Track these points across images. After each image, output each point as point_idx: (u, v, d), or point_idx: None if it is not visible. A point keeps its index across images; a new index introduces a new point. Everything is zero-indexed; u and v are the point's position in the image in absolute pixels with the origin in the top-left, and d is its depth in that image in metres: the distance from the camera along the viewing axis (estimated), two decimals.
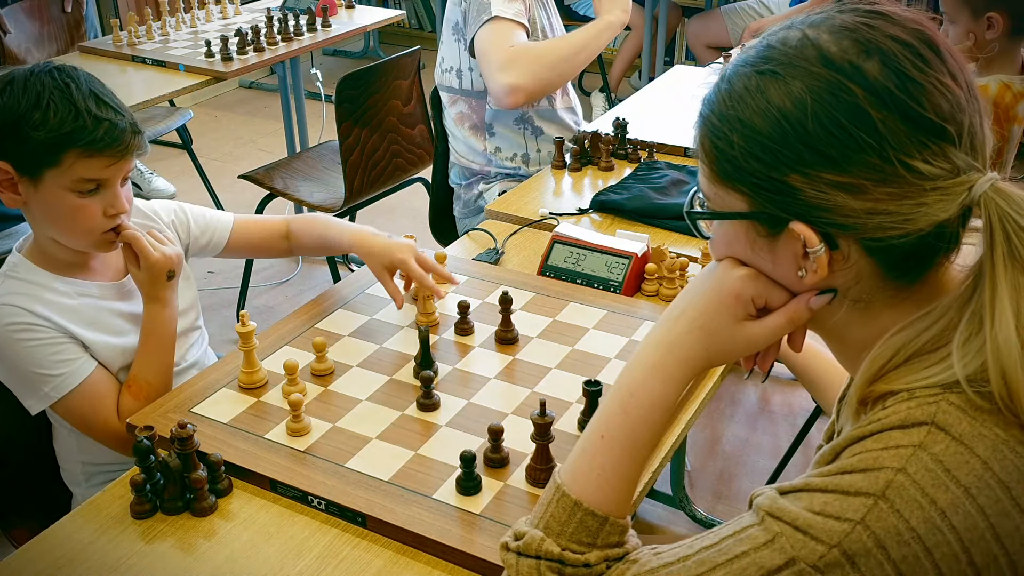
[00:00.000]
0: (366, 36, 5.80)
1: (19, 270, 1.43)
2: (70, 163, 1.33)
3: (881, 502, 0.74)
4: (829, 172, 0.79)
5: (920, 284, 0.84)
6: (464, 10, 2.26)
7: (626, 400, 0.90)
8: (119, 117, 1.37)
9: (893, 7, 0.83)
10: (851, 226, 0.80)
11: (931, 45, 0.80)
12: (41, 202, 1.37)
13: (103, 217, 1.39)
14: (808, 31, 0.82)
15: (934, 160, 0.78)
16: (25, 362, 1.38)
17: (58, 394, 1.39)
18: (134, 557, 1.11)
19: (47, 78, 1.35)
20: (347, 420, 1.32)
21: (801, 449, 2.41)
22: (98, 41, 3.30)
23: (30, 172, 1.35)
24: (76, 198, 1.36)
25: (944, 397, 0.77)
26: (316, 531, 1.15)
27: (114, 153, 1.36)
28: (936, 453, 0.75)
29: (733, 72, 0.85)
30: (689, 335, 0.89)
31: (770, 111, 0.80)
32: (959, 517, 0.74)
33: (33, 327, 1.38)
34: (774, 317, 0.88)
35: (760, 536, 0.78)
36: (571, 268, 1.68)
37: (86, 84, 1.37)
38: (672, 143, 2.22)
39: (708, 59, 4.24)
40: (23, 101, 1.33)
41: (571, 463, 0.92)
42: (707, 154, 0.86)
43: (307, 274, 3.58)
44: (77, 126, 1.33)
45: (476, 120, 2.40)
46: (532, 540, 0.88)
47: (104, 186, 1.38)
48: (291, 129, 3.69)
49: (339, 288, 1.66)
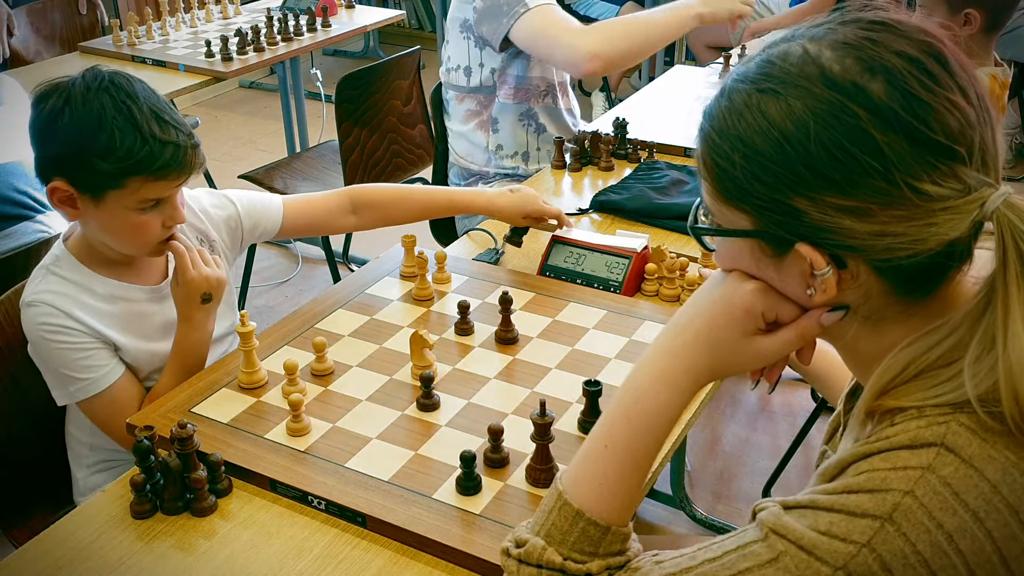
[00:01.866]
0: (366, 36, 5.80)
1: (61, 265, 1.44)
2: (136, 187, 1.34)
3: (888, 525, 0.73)
4: (834, 196, 0.76)
5: (932, 298, 0.82)
6: (478, 7, 2.24)
7: (630, 407, 0.89)
8: (181, 136, 1.36)
9: (899, 15, 0.80)
10: (859, 247, 0.77)
11: (939, 59, 0.77)
12: (101, 218, 1.38)
13: (161, 228, 1.40)
14: (810, 46, 0.79)
15: (943, 181, 0.75)
16: (54, 361, 1.40)
17: (83, 396, 1.41)
18: (134, 557, 1.11)
19: (106, 98, 1.32)
20: (347, 420, 1.32)
21: (801, 449, 2.41)
22: (98, 41, 3.30)
23: (92, 192, 1.34)
24: (137, 215, 1.37)
25: (954, 417, 0.76)
26: (316, 531, 1.15)
27: (179, 175, 1.37)
28: (945, 476, 0.73)
29: (733, 87, 0.82)
30: (696, 346, 0.88)
31: (771, 132, 0.78)
32: (966, 541, 0.72)
33: (65, 330, 1.39)
34: (784, 332, 0.86)
35: (764, 554, 0.77)
36: (571, 268, 1.68)
37: (145, 102, 1.34)
38: (672, 143, 2.22)
39: (708, 59, 4.23)
40: (85, 125, 1.31)
41: (573, 470, 0.91)
42: (709, 171, 0.84)
43: (307, 274, 3.58)
44: (144, 155, 1.31)
45: (485, 116, 2.40)
46: (534, 549, 0.88)
47: (165, 200, 1.39)
48: (291, 129, 3.69)
49: (339, 288, 1.66)
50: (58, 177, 1.34)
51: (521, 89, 2.34)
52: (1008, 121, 4.24)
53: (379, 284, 1.66)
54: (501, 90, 2.35)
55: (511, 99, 2.35)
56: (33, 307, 1.40)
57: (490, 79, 2.34)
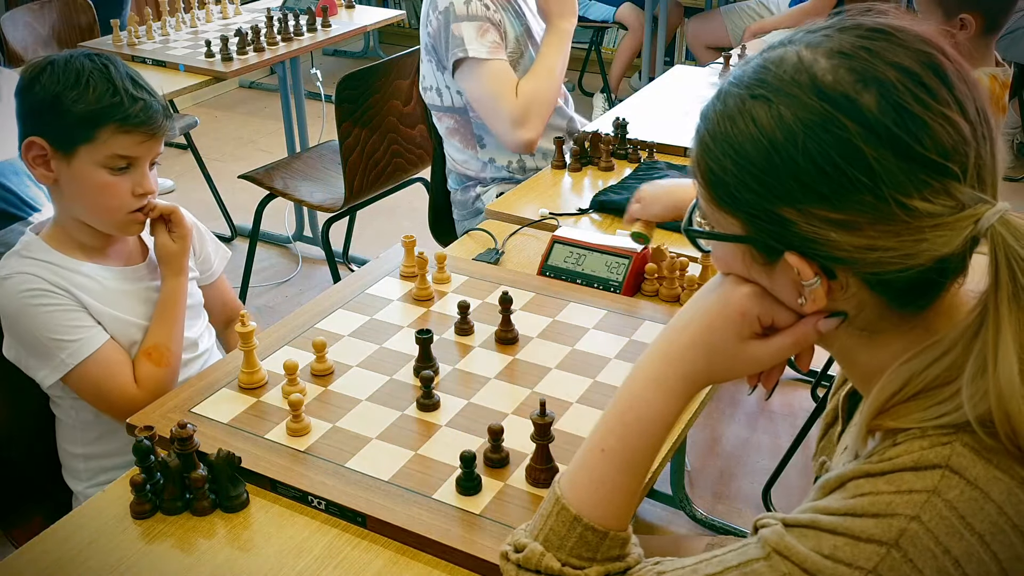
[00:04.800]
0: (366, 36, 5.80)
1: (32, 249, 1.45)
2: (105, 138, 1.38)
3: (894, 551, 0.72)
4: (822, 208, 0.75)
5: (930, 311, 0.80)
6: (431, 32, 2.24)
7: (625, 412, 0.89)
8: (153, 99, 1.43)
9: (902, 21, 0.78)
10: (847, 260, 0.76)
11: (937, 71, 0.75)
12: (72, 179, 1.41)
13: (131, 196, 1.43)
14: (805, 54, 0.77)
15: (934, 197, 0.73)
16: (41, 328, 1.40)
17: (75, 360, 1.41)
18: (134, 557, 1.11)
19: (86, 60, 1.41)
20: (347, 420, 1.32)
21: (801, 449, 2.40)
22: (98, 41, 3.30)
23: (64, 147, 1.39)
24: (107, 175, 1.41)
25: (958, 438, 0.74)
26: (316, 531, 1.15)
27: (148, 130, 1.41)
28: (951, 499, 0.72)
29: (728, 91, 0.82)
30: (692, 351, 0.87)
31: (761, 140, 0.77)
32: (973, 565, 0.72)
33: (48, 292, 1.41)
34: (780, 338, 0.85)
35: (766, 573, 0.76)
36: (571, 268, 1.68)
37: (123, 68, 1.43)
38: (672, 143, 2.22)
39: (708, 59, 4.23)
40: (63, 79, 1.38)
41: (570, 474, 0.91)
42: (702, 174, 0.83)
43: (307, 274, 3.58)
44: (115, 102, 1.38)
45: (465, 133, 2.39)
46: (532, 554, 0.87)
47: (134, 165, 1.43)
48: (291, 129, 3.69)
49: (339, 288, 1.66)
50: (35, 134, 1.40)
51: None
52: (1008, 121, 4.24)
53: (379, 284, 1.66)
54: (472, 111, 2.33)
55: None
56: (10, 279, 1.41)
57: (460, 100, 2.33)
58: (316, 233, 3.67)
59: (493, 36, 2.19)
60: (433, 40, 2.25)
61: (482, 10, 2.19)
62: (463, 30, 2.17)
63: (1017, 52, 3.84)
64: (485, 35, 2.18)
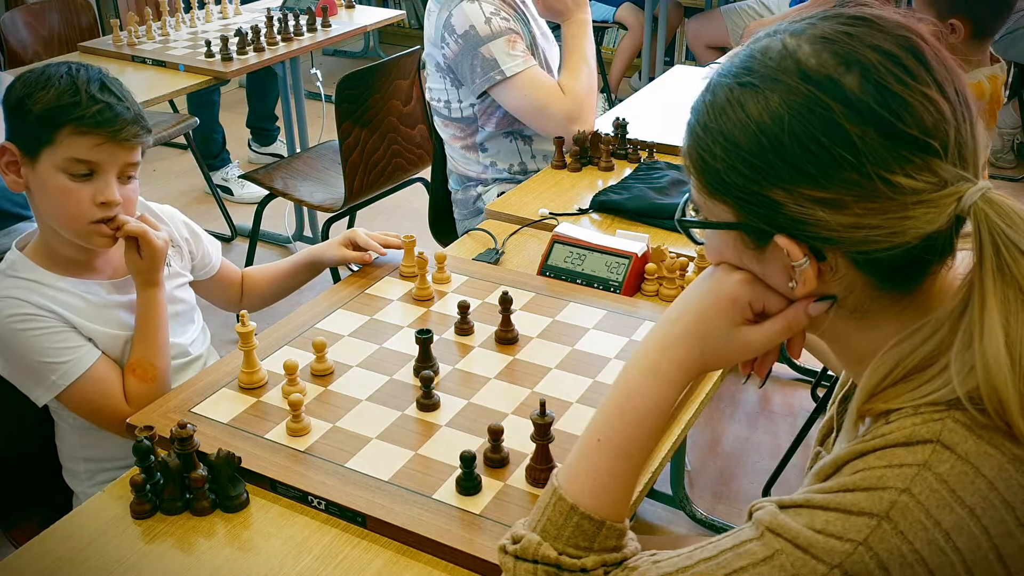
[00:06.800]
0: (366, 36, 5.80)
1: (17, 267, 1.43)
2: (62, 140, 1.36)
3: (885, 523, 0.73)
4: (809, 188, 0.77)
5: (918, 292, 0.82)
6: (447, 55, 2.25)
7: (622, 402, 0.90)
8: (120, 104, 1.39)
9: (882, 10, 0.80)
10: (835, 240, 0.78)
11: (916, 54, 0.77)
12: (38, 186, 1.39)
13: (91, 205, 1.39)
14: (789, 41, 0.80)
15: (917, 174, 0.75)
16: (30, 352, 1.39)
17: (66, 381, 1.39)
18: (134, 557, 1.11)
19: (63, 68, 1.40)
20: (347, 420, 1.32)
21: (801, 449, 2.41)
22: (98, 41, 3.30)
23: (30, 151, 1.38)
24: (67, 180, 1.37)
25: (949, 414, 0.76)
26: (316, 531, 1.15)
27: (105, 132, 1.36)
28: (941, 473, 0.73)
29: (717, 82, 0.84)
30: (685, 338, 0.89)
31: (749, 125, 0.79)
32: (963, 539, 0.73)
33: (34, 316, 1.38)
34: (771, 323, 0.87)
35: (759, 552, 0.77)
36: (571, 268, 1.68)
37: (97, 74, 1.40)
38: (672, 143, 2.22)
39: (708, 59, 4.24)
40: (32, 84, 1.38)
41: (568, 466, 0.91)
42: (694, 164, 0.85)
43: None
44: (73, 101, 1.35)
45: (469, 142, 2.40)
46: (529, 544, 0.88)
47: (97, 172, 1.39)
48: (291, 129, 3.69)
49: (339, 288, 1.66)
50: (7, 139, 1.39)
51: (507, 118, 2.33)
52: (1008, 121, 4.24)
53: (379, 284, 1.66)
54: (486, 123, 2.35)
55: (494, 127, 2.35)
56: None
57: (471, 111, 2.34)
58: (316, 233, 3.67)
59: (521, 44, 2.22)
60: (451, 62, 2.26)
61: (503, 23, 2.20)
62: (494, 51, 2.18)
63: (1017, 52, 3.84)
64: (515, 47, 2.20)
